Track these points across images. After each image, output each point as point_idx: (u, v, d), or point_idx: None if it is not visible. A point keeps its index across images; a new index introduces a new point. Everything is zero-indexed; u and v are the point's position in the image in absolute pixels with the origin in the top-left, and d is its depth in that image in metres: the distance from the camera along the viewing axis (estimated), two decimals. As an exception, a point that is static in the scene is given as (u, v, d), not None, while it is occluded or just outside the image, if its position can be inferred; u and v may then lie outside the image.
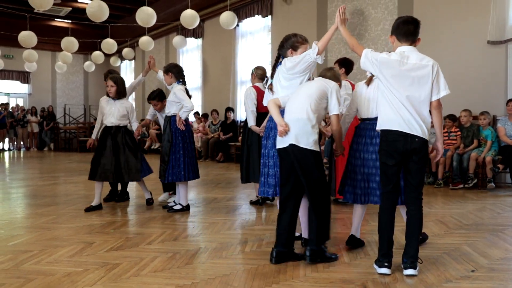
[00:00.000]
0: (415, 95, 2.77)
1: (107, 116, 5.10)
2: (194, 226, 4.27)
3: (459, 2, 7.36)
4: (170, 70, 4.96)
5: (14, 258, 3.21)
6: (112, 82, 5.08)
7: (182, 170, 4.85)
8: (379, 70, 2.86)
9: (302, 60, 3.23)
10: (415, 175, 2.83)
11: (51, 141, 17.35)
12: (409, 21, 2.87)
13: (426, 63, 2.79)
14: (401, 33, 2.86)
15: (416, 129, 2.76)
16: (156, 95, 5.53)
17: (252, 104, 4.99)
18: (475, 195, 5.97)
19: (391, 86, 2.81)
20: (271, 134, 3.35)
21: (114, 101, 5.12)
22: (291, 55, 3.37)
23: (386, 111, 2.84)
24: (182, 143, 4.87)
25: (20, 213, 4.98)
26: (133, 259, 3.18)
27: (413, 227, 2.83)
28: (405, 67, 2.78)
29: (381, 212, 2.90)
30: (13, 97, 18.59)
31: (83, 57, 18.86)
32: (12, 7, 14.19)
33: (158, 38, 15.42)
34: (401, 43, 2.87)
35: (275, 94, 3.38)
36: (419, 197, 2.85)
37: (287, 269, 2.94)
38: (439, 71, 2.81)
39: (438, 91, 2.80)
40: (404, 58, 2.80)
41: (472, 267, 2.96)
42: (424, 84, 2.77)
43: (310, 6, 9.86)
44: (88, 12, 9.16)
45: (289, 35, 3.42)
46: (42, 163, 11.71)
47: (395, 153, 2.81)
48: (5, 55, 16.90)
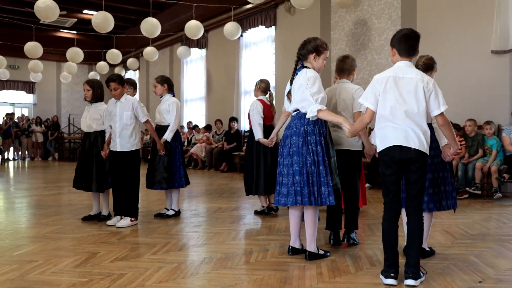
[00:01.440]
0: (413, 108, 2.76)
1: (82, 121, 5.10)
2: (199, 236, 4.25)
3: (462, 12, 7.39)
4: (167, 82, 5.17)
5: (19, 268, 3.20)
6: (88, 86, 4.93)
7: (183, 177, 5.14)
8: (379, 89, 2.86)
9: (306, 95, 3.22)
10: (414, 185, 2.82)
11: (55, 151, 17.41)
12: (411, 36, 2.87)
13: (421, 77, 2.81)
14: (403, 49, 2.88)
15: (414, 140, 2.74)
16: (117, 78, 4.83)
17: (259, 117, 5.11)
18: (481, 205, 5.93)
19: (387, 100, 2.81)
20: (287, 142, 3.35)
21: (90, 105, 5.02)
22: (314, 60, 3.35)
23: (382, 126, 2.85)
24: (180, 152, 5.16)
25: (24, 223, 4.98)
26: (138, 269, 3.17)
27: (413, 237, 2.80)
28: (400, 82, 2.80)
29: (383, 223, 2.88)
30: (18, 107, 18.72)
31: (88, 67, 19.00)
32: (18, 18, 14.35)
33: (162, 49, 15.52)
34: (402, 58, 2.90)
35: (292, 103, 3.37)
36: (418, 207, 2.84)
37: (292, 280, 2.93)
38: (435, 87, 2.82)
39: (438, 106, 2.80)
40: (400, 73, 2.83)
41: (480, 277, 2.94)
42: (420, 98, 2.77)
43: (313, 17, 9.91)
44: (93, 23, 9.26)
45: (312, 38, 3.40)
46: (46, 173, 11.74)
47: (391, 163, 2.81)
48: (11, 66, 17.03)
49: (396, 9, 8.33)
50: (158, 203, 6.07)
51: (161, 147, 4.93)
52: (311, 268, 3.17)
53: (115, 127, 4.66)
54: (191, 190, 7.49)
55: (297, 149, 3.28)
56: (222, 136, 12.08)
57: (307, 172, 3.24)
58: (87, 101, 5.03)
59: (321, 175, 3.25)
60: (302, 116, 3.33)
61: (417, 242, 2.79)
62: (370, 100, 2.90)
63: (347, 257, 3.44)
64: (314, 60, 3.36)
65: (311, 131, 3.29)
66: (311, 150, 3.26)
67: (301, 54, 3.39)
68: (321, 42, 3.39)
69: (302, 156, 3.26)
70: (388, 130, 2.81)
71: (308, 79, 3.24)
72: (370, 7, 8.78)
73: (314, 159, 3.26)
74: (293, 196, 3.26)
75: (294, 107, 3.38)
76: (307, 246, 3.40)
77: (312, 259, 3.34)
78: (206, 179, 9.64)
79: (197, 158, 12.37)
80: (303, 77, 3.28)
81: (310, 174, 3.24)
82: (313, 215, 3.36)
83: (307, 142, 3.27)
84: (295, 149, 3.29)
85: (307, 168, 3.25)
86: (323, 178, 3.25)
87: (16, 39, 14.46)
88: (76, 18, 15.14)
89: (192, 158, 12.53)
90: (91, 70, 17.77)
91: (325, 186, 3.25)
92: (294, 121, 3.37)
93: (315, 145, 3.27)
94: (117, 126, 4.65)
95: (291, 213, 3.45)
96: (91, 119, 4.94)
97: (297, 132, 3.31)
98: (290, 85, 3.41)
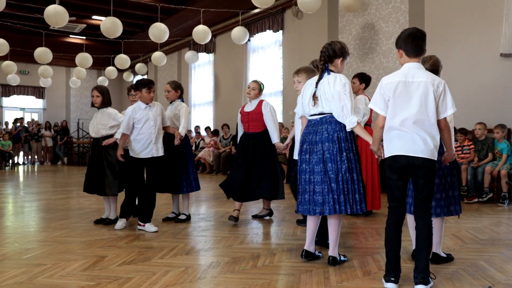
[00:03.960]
0: (423, 114, 2.72)
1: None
2: (206, 240, 4.25)
3: (471, 15, 7.35)
4: (180, 88, 5.22)
5: (28, 271, 3.22)
6: (98, 92, 4.98)
7: (193, 181, 5.10)
8: (388, 94, 2.82)
9: (346, 103, 3.16)
10: (422, 190, 2.78)
11: (64, 155, 17.54)
12: (417, 35, 2.82)
13: (432, 80, 2.75)
14: (410, 49, 2.82)
15: (421, 148, 2.69)
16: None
17: (276, 120, 5.00)
18: (490, 209, 5.87)
19: (397, 107, 2.78)
20: (317, 148, 3.27)
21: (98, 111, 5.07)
22: (340, 64, 3.32)
23: (389, 131, 2.82)
24: (191, 156, 5.14)
25: (34, 226, 5.02)
26: (145, 273, 3.17)
27: (421, 242, 2.77)
28: (410, 87, 2.75)
29: (387, 227, 2.86)
30: (28, 112, 18.91)
31: (96, 72, 19.16)
32: (29, 24, 14.52)
33: (170, 54, 15.62)
34: (410, 59, 2.84)
35: (318, 106, 3.29)
36: (427, 211, 2.80)
37: (300, 284, 2.91)
38: (446, 88, 2.77)
39: (446, 109, 2.76)
40: (410, 76, 2.77)
41: (489, 283, 2.90)
42: (430, 102, 2.72)
43: (321, 21, 9.92)
44: (102, 28, 9.35)
45: (337, 41, 3.37)
46: (55, 177, 11.83)
47: (398, 168, 2.78)
48: (21, 71, 17.22)
49: (403, 13, 8.31)
50: (166, 208, 6.08)
51: (178, 135, 4.82)
52: (319, 272, 3.16)
53: (150, 132, 4.61)
54: (199, 195, 7.50)
55: (331, 156, 3.20)
56: (229, 140, 12.09)
57: (342, 180, 3.20)
58: (95, 107, 5.06)
59: (354, 182, 3.23)
60: (332, 121, 3.25)
61: (425, 247, 2.75)
62: (380, 105, 2.86)
63: (355, 261, 3.42)
64: (340, 64, 3.33)
65: (344, 137, 3.23)
66: (346, 157, 3.21)
67: (327, 56, 3.32)
68: (346, 46, 3.37)
69: (336, 163, 3.20)
70: (395, 136, 2.77)
71: (344, 85, 3.20)
72: (378, 11, 8.77)
73: (349, 166, 3.21)
74: (331, 204, 3.19)
75: (320, 110, 3.29)
76: (330, 251, 3.35)
77: (335, 265, 3.30)
78: (214, 183, 9.64)
79: (205, 162, 12.39)
80: (339, 83, 3.20)
81: (345, 181, 3.20)
82: (338, 221, 3.32)
83: (341, 148, 3.21)
84: (329, 156, 3.21)
85: (342, 176, 3.20)
86: (356, 185, 3.23)
87: (27, 44, 14.64)
88: (85, 23, 15.29)
89: (200, 162, 12.56)
90: (100, 75, 17.93)
91: (358, 193, 3.23)
92: (323, 126, 3.27)
93: (348, 152, 3.23)
94: (152, 131, 4.62)
95: (311, 218, 3.40)
96: (100, 125, 4.97)
97: (330, 139, 3.22)
98: (316, 87, 3.30)
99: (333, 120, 3.25)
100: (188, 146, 5.21)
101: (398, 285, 2.79)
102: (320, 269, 3.24)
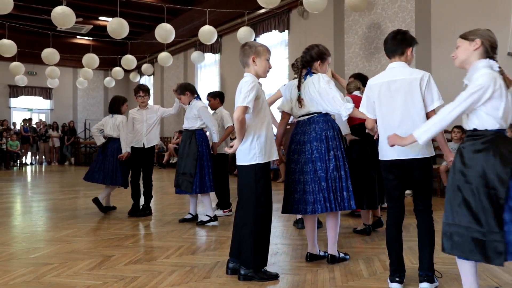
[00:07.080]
0: (410, 111, 2.70)
1: None
2: (212, 240, 4.26)
3: (477, 14, 7.31)
4: (187, 89, 5.10)
5: (35, 270, 3.25)
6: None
7: (208, 182, 4.95)
8: (373, 96, 2.85)
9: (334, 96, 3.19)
10: (420, 189, 2.78)
11: (71, 156, 17.65)
12: (394, 36, 2.82)
13: (416, 75, 2.72)
14: (387, 49, 2.85)
15: (413, 148, 2.66)
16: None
17: None
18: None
19: (383, 108, 2.79)
20: (306, 148, 3.29)
21: None
22: (319, 67, 3.35)
23: (380, 133, 2.82)
24: (208, 156, 4.99)
25: (41, 226, 5.06)
26: (151, 272, 3.19)
27: (423, 239, 2.76)
28: (393, 86, 2.74)
29: (387, 228, 2.86)
30: (36, 113, 19.04)
31: (103, 73, 19.25)
32: (36, 25, 14.63)
33: (176, 54, 15.66)
34: (391, 60, 2.86)
35: (304, 107, 3.32)
36: (426, 209, 2.79)
37: (305, 284, 2.92)
38: (430, 80, 2.71)
39: (432, 101, 2.71)
40: (392, 75, 2.77)
41: (496, 283, 2.89)
42: (416, 97, 2.69)
43: (327, 21, 9.91)
44: (108, 29, 9.39)
45: (314, 45, 3.40)
46: (63, 177, 11.90)
47: (392, 168, 2.78)
48: (29, 72, 17.34)
49: (410, 12, 8.27)
50: (172, 207, 6.11)
51: (216, 147, 5.20)
52: (324, 272, 3.16)
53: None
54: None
55: (320, 155, 3.23)
56: (235, 140, 12.09)
57: (330, 178, 3.22)
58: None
59: (342, 180, 3.23)
60: (319, 121, 3.28)
61: (428, 244, 2.74)
62: (367, 108, 2.91)
63: (360, 262, 3.42)
64: (319, 66, 3.36)
65: (332, 136, 3.26)
66: (333, 155, 3.23)
67: (305, 61, 3.38)
68: (324, 48, 3.39)
69: (325, 162, 3.22)
70: (385, 140, 2.73)
71: (328, 81, 3.23)
72: (384, 10, 8.74)
73: (336, 164, 3.23)
74: (322, 203, 3.20)
75: (306, 111, 3.33)
76: (329, 249, 3.38)
77: (333, 263, 3.33)
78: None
79: (211, 162, 12.39)
80: (323, 81, 3.24)
81: (333, 179, 3.22)
82: (336, 219, 3.35)
83: (329, 147, 3.24)
84: (318, 155, 3.23)
85: (330, 174, 3.22)
86: (344, 183, 3.23)
87: (34, 46, 14.74)
88: (92, 24, 15.38)
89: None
90: (106, 76, 18.01)
91: (346, 190, 3.23)
92: (311, 126, 3.30)
93: (336, 150, 3.24)
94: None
95: (308, 219, 3.42)
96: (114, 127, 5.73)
97: (317, 138, 3.25)
98: (298, 90, 3.34)
99: (320, 119, 3.28)
100: (206, 146, 5.03)
101: (404, 284, 2.78)
102: (325, 268, 3.24)
